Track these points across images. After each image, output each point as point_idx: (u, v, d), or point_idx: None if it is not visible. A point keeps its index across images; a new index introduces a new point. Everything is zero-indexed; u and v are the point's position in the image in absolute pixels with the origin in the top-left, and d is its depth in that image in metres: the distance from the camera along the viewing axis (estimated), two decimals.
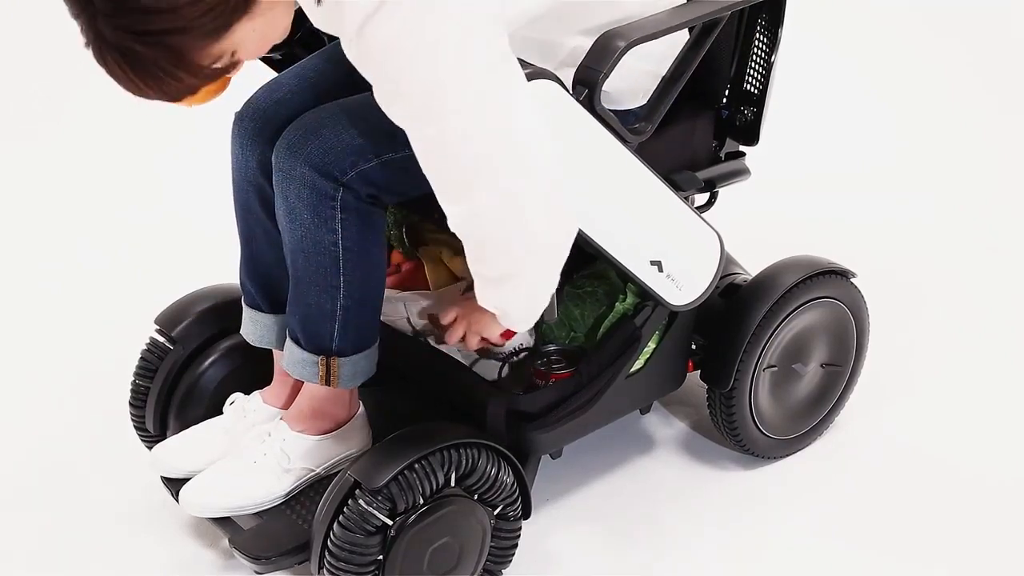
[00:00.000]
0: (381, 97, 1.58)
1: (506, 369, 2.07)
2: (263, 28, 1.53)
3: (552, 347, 2.07)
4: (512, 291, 1.73)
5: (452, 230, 1.66)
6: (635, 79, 1.85)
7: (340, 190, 1.77)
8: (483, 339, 1.97)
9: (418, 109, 1.55)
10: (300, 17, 1.67)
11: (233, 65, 1.55)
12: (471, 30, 1.51)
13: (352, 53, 1.56)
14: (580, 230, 1.79)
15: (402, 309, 2.09)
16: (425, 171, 1.62)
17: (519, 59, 1.65)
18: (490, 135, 1.56)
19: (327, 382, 1.90)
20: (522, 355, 2.08)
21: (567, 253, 1.70)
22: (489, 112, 1.55)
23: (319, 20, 1.69)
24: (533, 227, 1.63)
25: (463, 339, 1.98)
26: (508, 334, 2.00)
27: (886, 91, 3.64)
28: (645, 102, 1.88)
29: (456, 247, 2.02)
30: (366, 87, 1.84)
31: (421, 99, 1.53)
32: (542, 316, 1.90)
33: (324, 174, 1.76)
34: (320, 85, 1.91)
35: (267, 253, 1.96)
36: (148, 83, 1.48)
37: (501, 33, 1.55)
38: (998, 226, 3.05)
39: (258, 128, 1.90)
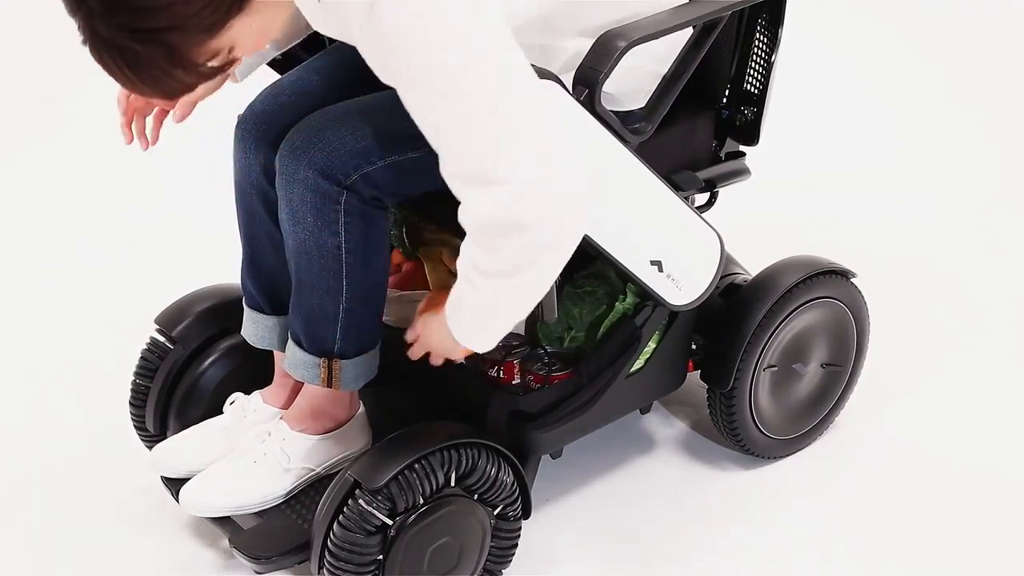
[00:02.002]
0: (400, 83, 1.55)
1: (501, 371, 2.06)
2: (260, 24, 1.52)
3: (548, 350, 2.07)
4: (507, 288, 1.67)
5: (470, 219, 1.60)
6: (636, 80, 1.85)
7: (344, 193, 1.77)
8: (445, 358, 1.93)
9: (441, 87, 1.51)
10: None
11: (230, 63, 1.54)
12: (479, 4, 1.50)
13: (363, 45, 1.55)
14: None
15: (403, 309, 2.09)
16: (452, 157, 1.56)
17: None
18: (519, 100, 1.53)
19: (328, 384, 1.90)
20: (517, 352, 2.07)
21: (570, 254, 1.66)
22: (515, 77, 1.53)
23: (320, 22, 1.70)
24: (557, 215, 1.58)
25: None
26: (551, 377, 2.00)
27: (886, 91, 3.64)
28: (646, 103, 1.88)
29: (456, 247, 2.02)
30: (369, 90, 1.85)
31: (442, 76, 1.50)
32: (542, 316, 1.91)
33: (328, 177, 1.76)
34: (323, 88, 1.91)
35: (269, 255, 1.96)
36: (145, 81, 1.48)
37: (503, 20, 1.54)
38: (998, 226, 3.05)
39: (261, 132, 1.90)
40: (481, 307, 1.72)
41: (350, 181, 1.76)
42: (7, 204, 3.09)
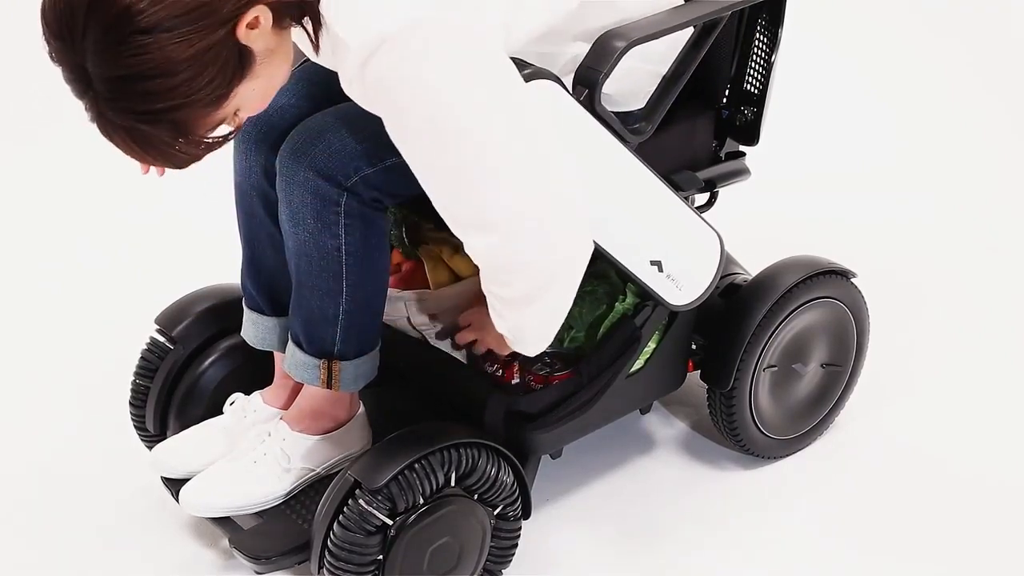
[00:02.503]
0: (392, 133, 1.59)
1: (501, 371, 2.06)
2: (263, 84, 1.54)
3: (549, 350, 2.06)
4: (530, 314, 1.73)
5: (475, 258, 1.67)
6: (636, 80, 1.85)
7: (344, 195, 1.77)
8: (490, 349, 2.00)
9: (428, 141, 1.55)
10: None
11: (238, 127, 1.56)
12: (474, 54, 1.52)
13: (355, 93, 1.59)
14: None
15: (402, 309, 2.08)
16: (440, 207, 1.62)
17: (518, 60, 1.66)
18: (503, 159, 1.56)
19: (328, 385, 1.90)
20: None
21: (584, 270, 1.71)
22: (499, 135, 1.56)
23: (319, 59, 1.70)
24: (557, 248, 1.64)
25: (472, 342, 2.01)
26: (551, 377, 2.02)
27: (886, 91, 3.64)
28: (646, 103, 1.88)
29: (456, 245, 2.02)
30: None
31: (430, 129, 1.54)
32: None
33: (328, 179, 1.76)
34: (323, 90, 1.91)
35: (270, 256, 1.96)
36: (155, 156, 1.51)
37: (501, 49, 1.56)
38: (998, 226, 3.05)
39: (262, 134, 1.90)
40: (511, 329, 1.78)
41: (350, 183, 1.76)
42: (7, 204, 3.09)
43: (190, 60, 1.41)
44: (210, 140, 1.52)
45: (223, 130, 1.55)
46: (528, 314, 1.73)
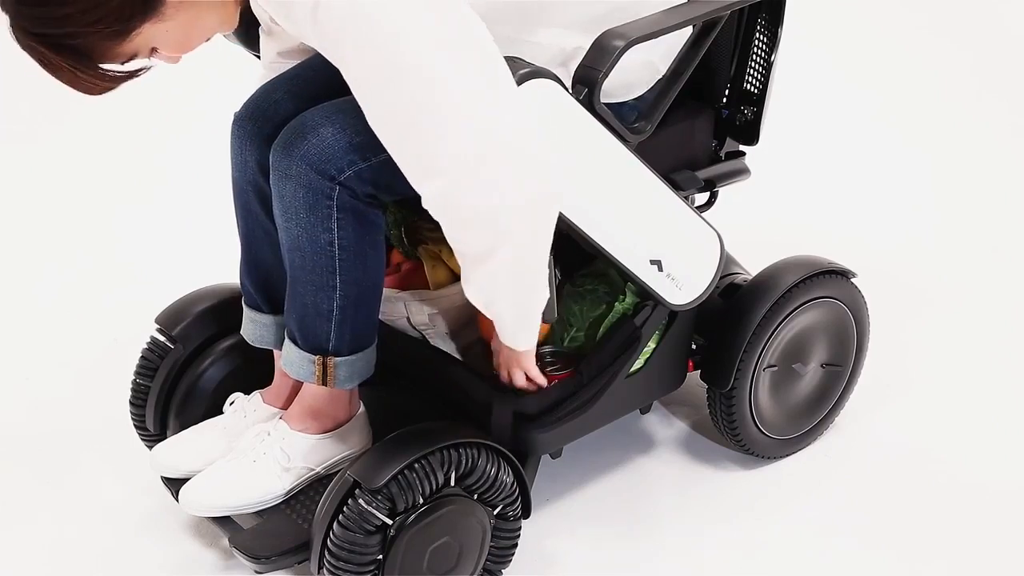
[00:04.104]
0: (347, 77, 1.58)
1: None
2: (179, 28, 1.55)
3: (548, 348, 2.07)
4: (494, 274, 1.69)
5: (428, 211, 1.65)
6: (628, 72, 1.83)
7: (336, 189, 1.77)
8: (528, 379, 1.97)
9: (376, 79, 1.55)
10: None
11: (165, 61, 1.56)
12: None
13: (312, 39, 1.58)
14: (581, 229, 1.79)
15: (402, 309, 2.09)
16: (396, 157, 1.61)
17: (516, 58, 1.66)
18: (449, 96, 1.55)
19: (324, 382, 1.90)
20: None
21: (549, 229, 1.67)
22: (444, 70, 1.54)
23: (283, 21, 1.70)
24: (506, 194, 1.60)
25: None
26: (551, 376, 2.00)
27: (886, 90, 3.64)
28: (641, 95, 1.88)
29: None
30: None
31: (376, 65, 1.54)
32: (543, 316, 1.90)
33: (320, 173, 1.76)
34: (318, 84, 1.91)
35: (267, 253, 1.96)
36: (64, 80, 1.52)
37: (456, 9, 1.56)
38: (999, 226, 3.05)
39: (257, 129, 1.90)
40: (486, 304, 1.76)
41: (343, 177, 1.76)
42: (7, 204, 3.09)
43: None
44: (120, 72, 1.53)
45: (137, 64, 1.55)
46: (489, 274, 1.69)
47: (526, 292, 1.76)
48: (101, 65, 1.52)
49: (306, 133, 1.78)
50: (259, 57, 2.08)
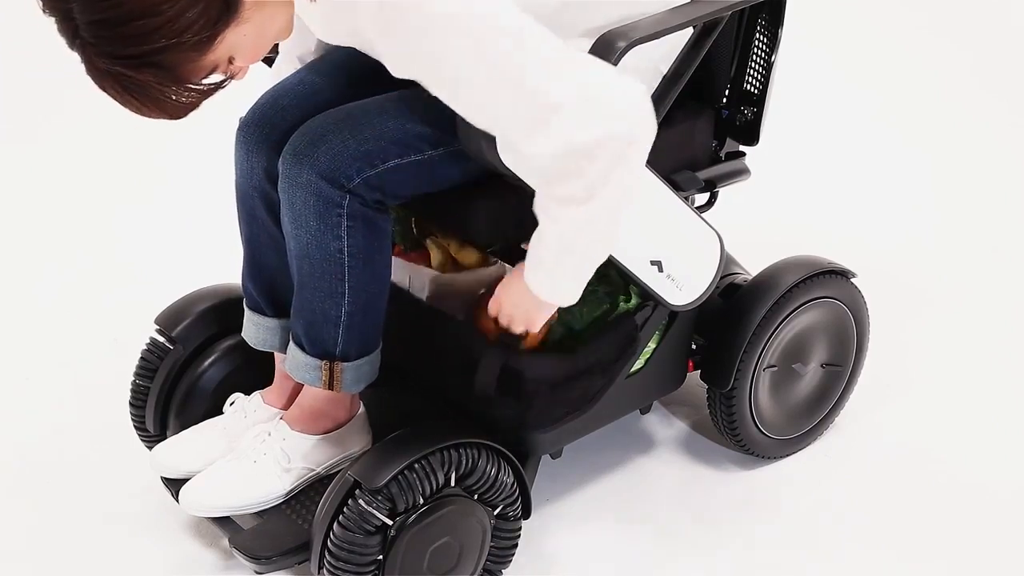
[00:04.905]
0: (423, 64, 1.56)
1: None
2: (255, 32, 1.54)
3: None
4: (589, 215, 1.65)
5: (539, 168, 1.60)
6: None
7: (347, 197, 1.77)
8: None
9: (468, 49, 1.53)
10: None
11: (233, 75, 1.55)
12: None
13: (381, 41, 1.57)
14: None
15: (405, 279, 2.07)
16: (499, 125, 1.58)
17: None
18: (545, 41, 1.55)
19: (330, 386, 1.90)
20: None
21: (642, 162, 1.66)
22: (518, 23, 1.55)
23: (321, 27, 1.69)
24: (626, 113, 1.59)
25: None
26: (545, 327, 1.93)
27: (886, 90, 3.64)
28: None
29: (462, 240, 2.02)
30: (371, 91, 1.85)
31: (465, 36, 1.52)
32: None
33: (331, 181, 1.76)
34: (324, 90, 1.91)
35: (271, 258, 1.96)
36: (147, 104, 1.51)
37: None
38: (999, 226, 3.05)
39: (263, 134, 1.90)
40: (562, 249, 1.71)
41: (353, 185, 1.76)
42: (7, 204, 3.09)
43: (169, 2, 1.41)
44: (203, 87, 1.52)
45: (216, 77, 1.54)
46: (583, 217, 1.65)
47: (604, 240, 1.73)
48: (187, 84, 1.51)
49: (315, 141, 1.78)
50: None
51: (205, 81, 1.53)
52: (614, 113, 1.58)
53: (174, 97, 1.50)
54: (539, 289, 1.78)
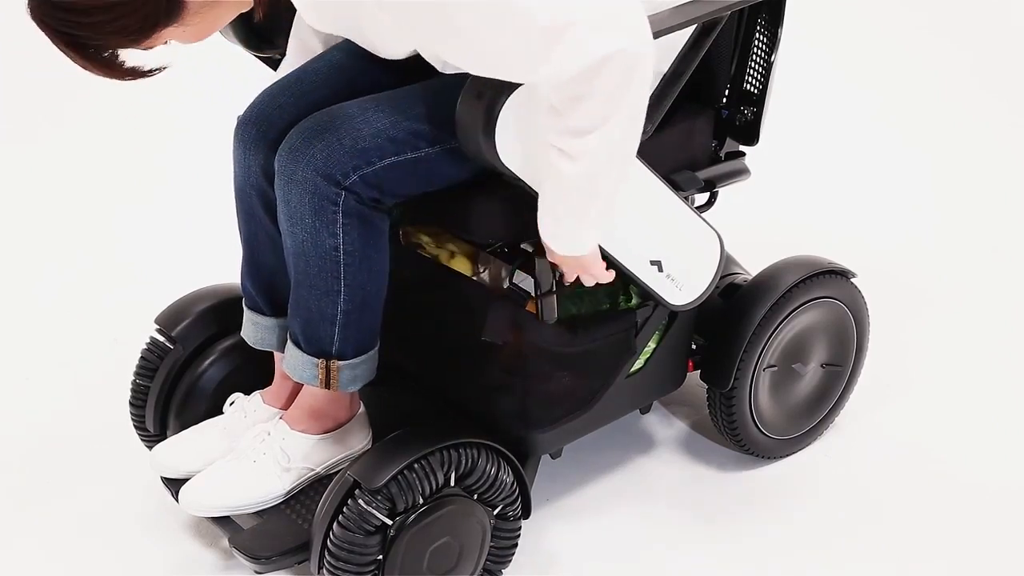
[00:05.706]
0: (441, 21, 1.55)
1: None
2: (195, 31, 1.56)
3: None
4: (609, 138, 1.63)
5: (557, 83, 1.59)
6: None
7: (342, 194, 1.77)
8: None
9: (484, 11, 1.52)
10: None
11: (167, 64, 1.57)
12: None
13: (388, 10, 1.58)
14: None
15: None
16: (521, 38, 1.56)
17: None
18: None
19: (327, 385, 1.90)
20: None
21: (649, 74, 1.63)
22: None
23: (317, 18, 1.69)
24: (636, 31, 1.59)
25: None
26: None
27: (886, 90, 3.64)
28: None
29: (453, 250, 2.02)
30: (368, 90, 1.85)
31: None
32: (541, 316, 1.90)
33: (326, 178, 1.76)
34: (322, 89, 1.92)
35: (269, 256, 1.96)
36: (85, 67, 1.53)
37: None
38: (999, 226, 3.05)
39: (261, 133, 1.90)
40: (585, 191, 1.70)
41: (349, 182, 1.76)
42: (7, 204, 3.09)
43: (106, 6, 1.45)
44: (137, 68, 1.55)
45: (153, 58, 1.56)
46: (599, 143, 1.63)
47: (622, 171, 1.71)
48: (116, 58, 1.53)
49: (312, 138, 1.78)
50: (259, 57, 2.08)
51: (143, 55, 1.56)
52: (620, 27, 1.57)
53: (99, 68, 1.53)
54: (566, 245, 1.76)
